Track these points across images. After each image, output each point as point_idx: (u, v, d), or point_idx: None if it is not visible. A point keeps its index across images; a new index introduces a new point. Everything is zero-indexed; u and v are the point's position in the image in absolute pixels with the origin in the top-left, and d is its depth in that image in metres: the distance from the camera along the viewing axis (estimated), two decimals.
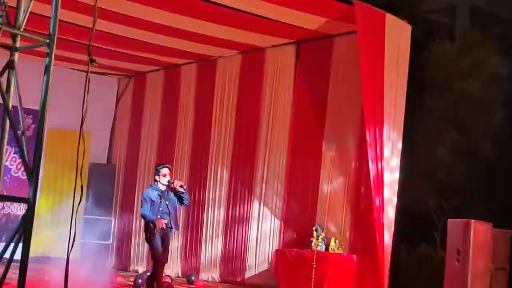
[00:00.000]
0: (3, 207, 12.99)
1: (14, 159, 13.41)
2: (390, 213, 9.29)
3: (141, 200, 8.32)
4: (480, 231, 8.92)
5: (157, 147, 13.82)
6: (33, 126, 13.62)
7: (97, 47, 12.19)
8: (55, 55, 3.70)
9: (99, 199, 12.75)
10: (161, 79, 14.06)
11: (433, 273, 9.40)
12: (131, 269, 13.28)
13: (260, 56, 11.89)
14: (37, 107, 12.98)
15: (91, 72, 15.35)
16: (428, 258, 9.96)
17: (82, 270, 8.22)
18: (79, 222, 13.50)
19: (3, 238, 12.85)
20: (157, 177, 8.26)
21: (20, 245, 3.24)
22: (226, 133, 12.33)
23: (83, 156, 3.77)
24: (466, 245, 8.81)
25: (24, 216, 3.13)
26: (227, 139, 12.29)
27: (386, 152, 9.29)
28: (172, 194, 8.29)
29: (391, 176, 9.40)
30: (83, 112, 3.68)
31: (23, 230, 3.12)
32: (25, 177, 13.68)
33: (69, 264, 3.73)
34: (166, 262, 8.40)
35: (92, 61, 3.79)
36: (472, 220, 8.87)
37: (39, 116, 3.19)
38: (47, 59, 3.18)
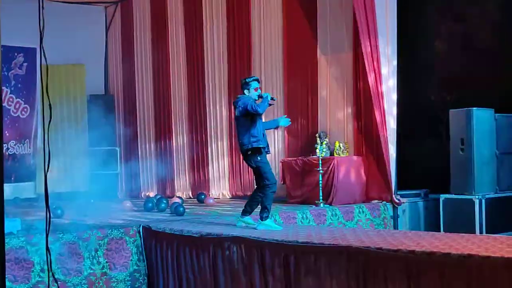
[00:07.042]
0: (8, 148, 13.01)
1: (11, 99, 13.34)
2: (392, 110, 9.22)
3: (243, 104, 7.19)
4: (482, 118, 8.95)
5: (152, 72, 13.72)
6: (25, 64, 13.48)
7: None
8: None
9: (101, 130, 12.76)
10: (147, 2, 13.78)
11: (440, 166, 9.46)
12: (142, 195, 13.45)
13: None
14: (28, 44, 12.68)
15: (76, 3, 14.85)
16: (435, 152, 10.00)
17: (93, 200, 8.33)
18: (84, 154, 13.65)
19: (12, 178, 12.97)
20: (246, 92, 7.33)
21: None
22: (219, 49, 12.19)
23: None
24: (469, 133, 8.87)
25: None
26: (220, 56, 12.16)
27: (382, 53, 9.18)
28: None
29: (390, 73, 9.27)
30: (41, 31, 3.55)
31: None
32: (24, 115, 13.56)
33: (47, 184, 3.65)
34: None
35: None
36: (474, 108, 8.89)
37: None
38: None
